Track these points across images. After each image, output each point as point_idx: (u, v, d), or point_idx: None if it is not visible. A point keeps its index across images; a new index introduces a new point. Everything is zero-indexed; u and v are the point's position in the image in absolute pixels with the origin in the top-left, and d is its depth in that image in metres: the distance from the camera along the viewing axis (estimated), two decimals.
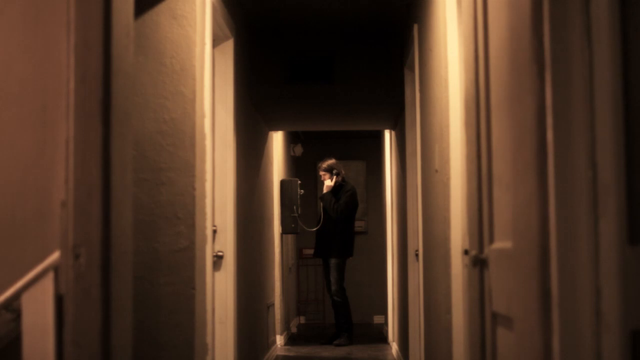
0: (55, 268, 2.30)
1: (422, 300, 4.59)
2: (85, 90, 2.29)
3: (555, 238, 1.80)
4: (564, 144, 1.81)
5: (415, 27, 4.77)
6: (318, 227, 8.60)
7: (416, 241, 5.16)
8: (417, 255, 5.11)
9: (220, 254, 4.53)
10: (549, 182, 1.82)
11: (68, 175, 2.29)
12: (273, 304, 7.84)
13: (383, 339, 9.12)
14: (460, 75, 3.50)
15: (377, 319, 11.06)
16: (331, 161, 8.55)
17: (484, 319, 2.59)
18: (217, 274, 4.55)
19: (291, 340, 9.20)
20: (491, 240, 2.49)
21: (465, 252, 3.45)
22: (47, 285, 2.30)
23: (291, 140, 10.69)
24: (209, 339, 3.80)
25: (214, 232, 4.51)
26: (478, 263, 2.58)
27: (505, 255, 2.26)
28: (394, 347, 7.81)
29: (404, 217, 6.26)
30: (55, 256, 2.30)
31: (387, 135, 8.46)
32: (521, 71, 2.00)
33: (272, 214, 8.07)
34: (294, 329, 10.13)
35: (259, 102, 6.41)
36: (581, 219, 1.77)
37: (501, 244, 2.34)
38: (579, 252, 1.77)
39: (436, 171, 3.94)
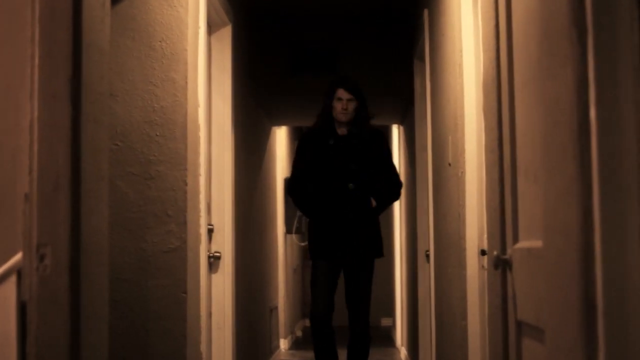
0: (19, 271, 2.02)
1: (433, 304, 4.33)
2: (51, 66, 2.01)
3: (599, 235, 1.52)
4: (610, 122, 1.54)
5: (426, 12, 4.51)
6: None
7: (427, 240, 4.89)
8: (427, 255, 4.84)
9: (217, 254, 4.25)
10: (593, 168, 1.54)
11: (32, 164, 2.00)
12: (276, 307, 7.56)
13: (391, 343, 8.83)
14: (476, 58, 3.22)
15: (385, 322, 10.78)
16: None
17: (507, 328, 2.31)
18: (214, 276, 4.27)
19: (296, 344, 8.92)
20: (515, 239, 2.23)
21: (483, 252, 3.16)
22: (9, 291, 2.03)
23: (295, 136, 10.41)
24: (203, 347, 3.51)
25: (210, 231, 4.23)
26: (500, 265, 2.29)
27: (533, 256, 1.98)
28: (403, 351, 7.54)
29: (413, 215, 6.01)
30: (18, 257, 2.02)
31: (395, 130, 8.20)
32: (555, 39, 1.71)
33: (275, 213, 7.79)
34: (298, 333, 9.85)
35: (260, 95, 6.14)
36: (631, 212, 1.51)
37: (528, 243, 2.07)
38: (628, 252, 1.51)
39: (449, 165, 3.66)
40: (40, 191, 1.99)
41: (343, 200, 4.49)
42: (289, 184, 4.70)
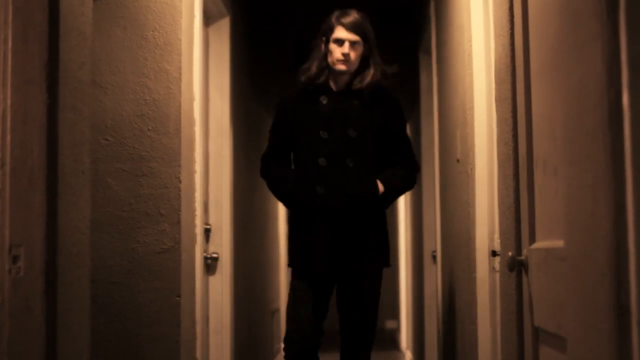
0: None
1: (440, 307, 4.15)
2: (26, 50, 1.84)
3: (633, 232, 1.36)
4: None
5: (432, 4, 4.33)
6: None
7: (433, 241, 4.71)
8: (434, 256, 4.66)
9: (215, 255, 4.08)
10: (625, 158, 1.37)
11: (4, 157, 1.83)
12: (278, 310, 7.39)
13: (395, 346, 8.66)
14: (486, 47, 3.05)
15: (389, 324, 10.60)
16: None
17: (523, 335, 2.13)
18: (211, 278, 4.09)
19: None
20: (532, 239, 2.07)
21: (493, 253, 2.99)
22: None
23: None
24: (199, 353, 3.34)
25: (208, 231, 4.06)
26: (515, 266, 2.12)
27: (554, 257, 1.81)
28: (408, 355, 7.36)
29: (419, 214, 5.84)
30: None
31: None
32: (580, 16, 1.54)
33: (277, 213, 7.61)
34: None
35: (260, 89, 5.96)
36: None
37: (547, 242, 1.91)
38: None
39: (457, 161, 3.49)
40: (13, 186, 1.82)
41: (338, 182, 3.17)
42: (261, 162, 3.45)
